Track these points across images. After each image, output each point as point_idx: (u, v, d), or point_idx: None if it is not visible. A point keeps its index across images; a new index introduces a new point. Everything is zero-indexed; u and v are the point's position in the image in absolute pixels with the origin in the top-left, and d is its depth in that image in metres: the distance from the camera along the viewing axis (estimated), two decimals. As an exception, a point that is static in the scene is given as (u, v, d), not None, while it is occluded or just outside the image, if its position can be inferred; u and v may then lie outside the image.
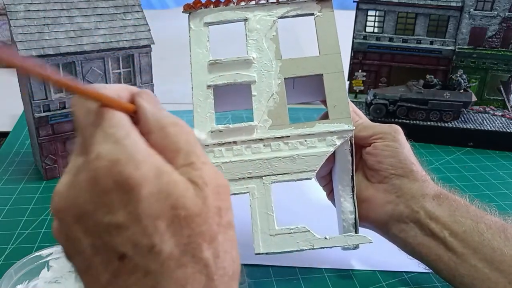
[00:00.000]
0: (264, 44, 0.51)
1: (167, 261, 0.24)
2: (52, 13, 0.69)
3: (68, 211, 0.24)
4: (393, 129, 0.50)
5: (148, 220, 0.23)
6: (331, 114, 0.49)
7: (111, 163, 0.23)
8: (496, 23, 0.89)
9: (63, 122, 0.72)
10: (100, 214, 0.23)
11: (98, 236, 0.24)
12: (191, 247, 0.24)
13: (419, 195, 0.47)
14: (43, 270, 0.48)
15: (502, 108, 0.94)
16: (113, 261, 0.24)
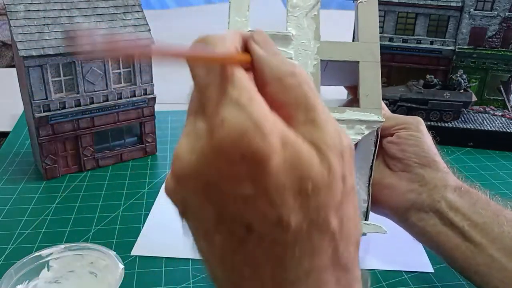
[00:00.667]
0: (305, 22, 0.50)
1: (294, 233, 0.23)
2: (52, 13, 0.69)
3: (190, 179, 0.23)
4: (416, 120, 0.51)
5: (276, 193, 0.22)
6: (362, 103, 0.49)
7: (238, 134, 0.22)
8: (496, 23, 0.89)
9: (63, 122, 0.72)
10: (226, 185, 0.23)
11: (224, 206, 0.23)
12: (318, 219, 0.23)
13: (441, 185, 0.48)
14: (43, 270, 0.48)
15: (502, 108, 0.94)
16: (239, 230, 0.23)
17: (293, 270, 0.24)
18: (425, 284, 0.54)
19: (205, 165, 0.23)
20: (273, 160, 0.22)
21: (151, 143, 0.82)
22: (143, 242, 0.60)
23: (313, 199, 0.23)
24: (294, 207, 0.23)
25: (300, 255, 0.23)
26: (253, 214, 0.23)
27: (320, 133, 0.24)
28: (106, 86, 0.74)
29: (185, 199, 0.24)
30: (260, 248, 0.23)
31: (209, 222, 0.24)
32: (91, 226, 0.63)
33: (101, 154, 0.78)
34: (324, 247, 0.24)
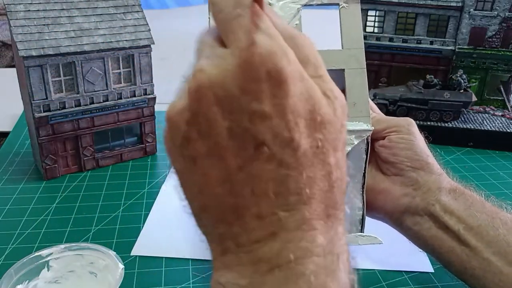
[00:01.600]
0: None
1: (301, 158, 0.24)
2: (52, 13, 0.69)
3: (212, 90, 0.24)
4: (407, 122, 0.50)
5: (292, 116, 0.24)
6: (350, 112, 0.48)
7: (268, 52, 0.24)
8: (496, 23, 0.89)
9: (63, 122, 0.72)
10: (247, 100, 0.24)
11: (240, 120, 0.24)
12: (321, 151, 0.25)
13: (435, 188, 0.47)
14: (43, 270, 0.48)
15: (502, 108, 0.94)
16: (249, 147, 0.24)
17: (292, 196, 0.24)
18: (425, 284, 0.54)
19: (228, 78, 0.24)
20: (293, 85, 0.24)
21: (151, 143, 0.82)
22: (143, 242, 0.60)
23: (319, 132, 0.25)
24: (304, 134, 0.24)
25: (301, 183, 0.24)
26: (267, 132, 0.24)
27: (327, 84, 0.26)
28: (106, 86, 0.74)
29: (197, 115, 0.25)
30: (266, 168, 0.24)
31: (220, 137, 0.25)
32: (91, 226, 0.63)
33: (101, 154, 0.78)
34: (322, 180, 0.25)
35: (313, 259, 0.24)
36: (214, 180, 0.25)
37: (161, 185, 0.73)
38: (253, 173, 0.24)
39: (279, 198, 0.24)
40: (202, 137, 0.25)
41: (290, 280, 0.23)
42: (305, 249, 0.24)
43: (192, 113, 0.25)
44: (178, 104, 0.26)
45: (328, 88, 0.26)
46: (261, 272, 0.24)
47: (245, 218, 0.25)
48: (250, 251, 0.25)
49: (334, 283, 0.24)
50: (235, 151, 0.24)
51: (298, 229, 0.24)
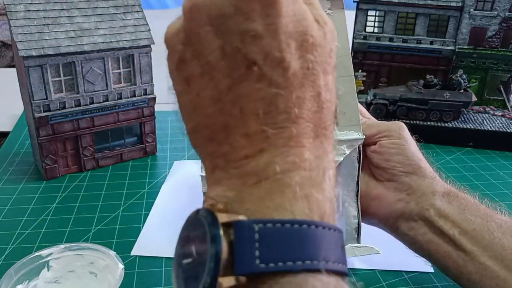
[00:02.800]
0: None
1: (291, 78, 0.25)
2: (52, 13, 0.69)
3: (205, 9, 0.25)
4: (397, 126, 0.50)
5: (283, 36, 0.25)
6: (340, 121, 0.48)
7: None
8: (496, 23, 0.89)
9: (63, 122, 0.72)
10: (239, 19, 0.24)
11: (232, 40, 0.25)
12: (311, 72, 0.26)
13: (429, 192, 0.47)
14: (43, 270, 0.48)
15: (502, 108, 0.94)
16: (240, 67, 0.25)
17: (281, 115, 0.25)
18: (425, 284, 0.54)
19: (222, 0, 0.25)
20: (286, 6, 0.25)
21: (151, 143, 0.82)
22: (143, 242, 0.60)
23: (310, 54, 0.26)
24: (295, 55, 0.25)
25: (291, 102, 0.25)
26: (259, 51, 0.24)
27: (318, 12, 0.27)
28: (106, 86, 0.74)
29: (191, 34, 0.26)
30: (256, 88, 0.25)
31: (212, 56, 0.25)
32: (91, 226, 0.63)
33: (101, 154, 0.78)
34: (311, 100, 0.26)
35: (299, 171, 0.25)
36: (206, 99, 0.26)
37: (161, 185, 0.73)
38: (243, 93, 0.25)
39: (268, 116, 0.25)
40: (196, 57, 0.26)
41: (276, 190, 0.24)
42: (291, 163, 0.25)
43: (186, 33, 0.26)
44: (174, 25, 0.27)
45: (319, 14, 0.27)
46: (249, 184, 0.25)
47: (234, 137, 0.25)
48: (238, 166, 0.25)
49: (319, 194, 0.25)
50: (227, 70, 0.25)
51: (285, 146, 0.25)
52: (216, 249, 0.22)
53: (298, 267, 0.22)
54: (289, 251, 0.22)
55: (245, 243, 0.22)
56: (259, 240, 0.22)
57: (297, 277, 0.22)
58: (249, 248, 0.22)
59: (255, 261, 0.22)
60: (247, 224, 0.23)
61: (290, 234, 0.23)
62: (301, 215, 0.24)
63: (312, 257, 0.23)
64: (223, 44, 0.25)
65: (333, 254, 0.24)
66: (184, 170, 0.77)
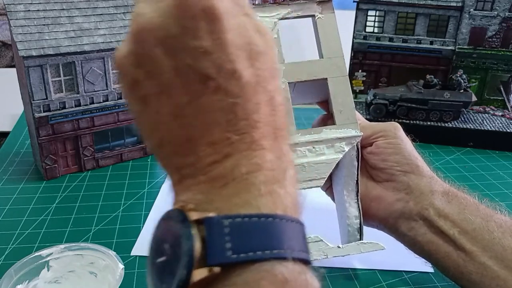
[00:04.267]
0: None
1: (246, 86, 0.26)
2: (52, 13, 0.69)
3: (152, 32, 0.26)
4: (392, 126, 0.50)
5: (232, 49, 0.26)
6: (337, 120, 0.49)
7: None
8: (496, 23, 0.89)
9: (63, 122, 0.72)
10: (187, 38, 0.26)
11: (183, 58, 0.26)
12: (262, 78, 0.27)
13: (428, 191, 0.47)
14: (43, 270, 0.48)
15: (502, 108, 0.94)
16: (195, 83, 0.26)
17: (242, 122, 0.26)
18: (425, 284, 0.54)
19: (167, 19, 0.26)
20: (227, 21, 0.26)
21: (151, 143, 0.82)
22: (143, 242, 0.60)
23: (257, 62, 0.27)
24: (245, 64, 0.26)
25: (249, 109, 0.26)
26: (211, 65, 0.26)
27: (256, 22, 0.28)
28: (106, 86, 0.74)
29: (142, 57, 0.26)
30: (214, 99, 0.26)
31: (167, 76, 0.26)
32: (91, 226, 0.63)
33: (101, 154, 0.78)
34: (266, 105, 0.27)
35: (262, 171, 0.26)
36: (166, 116, 0.27)
37: (161, 185, 0.73)
38: (203, 106, 0.26)
39: (229, 124, 0.26)
40: (150, 78, 0.27)
41: (242, 189, 0.26)
42: (255, 164, 0.26)
43: (136, 56, 0.27)
44: (124, 48, 0.27)
45: (258, 24, 0.28)
46: (217, 187, 0.26)
47: (200, 147, 0.26)
48: (206, 172, 0.26)
49: (281, 190, 0.26)
50: (183, 87, 0.26)
51: (248, 149, 0.26)
52: (189, 244, 0.23)
53: (266, 256, 0.24)
54: (257, 242, 0.24)
55: (216, 237, 0.24)
56: (229, 233, 0.24)
57: (266, 265, 0.24)
58: (220, 241, 0.23)
59: (227, 253, 0.23)
60: (217, 219, 0.24)
61: (257, 226, 0.24)
62: (266, 209, 0.25)
63: (278, 247, 0.24)
64: (176, 63, 0.26)
65: (296, 244, 0.25)
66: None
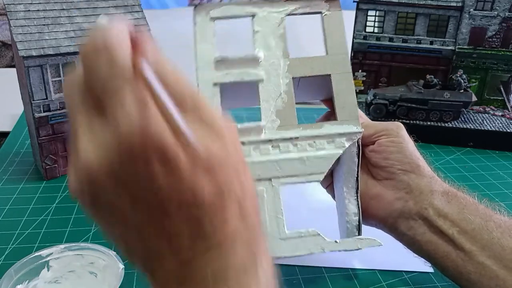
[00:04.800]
0: (272, 41, 0.50)
1: (208, 206, 0.25)
2: (52, 13, 0.69)
3: (103, 176, 0.25)
4: (395, 125, 0.50)
5: (189, 182, 0.25)
6: (339, 116, 0.49)
7: (149, 133, 0.24)
8: (496, 23, 0.89)
9: (63, 122, 0.72)
10: (143, 182, 0.25)
11: (140, 197, 0.25)
12: (227, 189, 0.26)
13: (428, 191, 0.47)
14: (43, 270, 0.48)
15: (502, 108, 0.94)
16: (157, 216, 0.25)
17: (210, 240, 0.26)
18: (425, 284, 0.54)
19: (118, 163, 0.24)
20: (180, 158, 0.24)
21: (151, 143, 0.82)
22: (143, 242, 0.60)
23: (218, 175, 0.26)
24: (205, 184, 0.25)
25: (216, 224, 0.26)
26: (170, 200, 0.25)
27: (209, 116, 0.26)
28: (106, 86, 0.74)
29: (96, 193, 0.25)
30: (177, 223, 0.25)
31: (125, 208, 0.25)
32: (91, 226, 0.63)
33: (101, 154, 0.78)
34: (235, 214, 0.27)
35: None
36: (131, 236, 0.26)
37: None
38: (169, 232, 0.26)
39: (197, 245, 0.26)
40: (107, 209, 0.26)
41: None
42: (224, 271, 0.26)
43: (91, 196, 0.26)
44: (75, 184, 0.26)
45: (213, 128, 0.26)
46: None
47: (167, 265, 0.26)
48: (172, 278, 0.27)
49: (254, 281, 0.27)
50: (145, 221, 0.26)
51: (228, 269, 0.26)
52: None
53: None
54: None
55: None
56: None
57: None
58: None
59: None
60: None
61: None
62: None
63: None
64: (134, 197, 0.25)
65: None
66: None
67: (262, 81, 0.49)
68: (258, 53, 0.49)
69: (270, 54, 0.49)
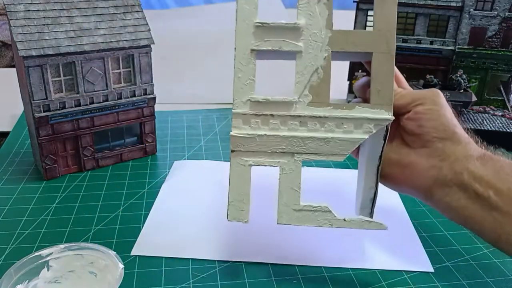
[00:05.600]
0: (317, 9, 0.47)
1: None
2: (52, 13, 0.69)
3: None
4: (432, 93, 0.49)
5: None
6: (373, 99, 0.48)
7: None
8: (496, 23, 0.89)
9: (63, 122, 0.72)
10: None
11: None
12: None
13: (463, 157, 0.47)
14: (43, 270, 0.48)
15: (502, 108, 0.94)
16: None
17: None
18: (425, 284, 0.54)
19: None
20: None
21: (151, 143, 0.82)
22: (143, 242, 0.60)
23: None
24: None
25: None
26: None
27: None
28: (106, 86, 0.74)
29: None
30: None
31: None
32: (91, 226, 0.63)
33: (101, 154, 0.78)
34: None
35: None
36: None
37: (161, 185, 0.73)
38: None
39: None
40: None
41: None
42: None
43: None
44: None
45: None
46: None
47: None
48: None
49: None
50: None
51: None
52: None
53: None
54: None
55: None
56: None
57: None
58: None
59: None
60: None
61: None
62: None
63: None
64: None
65: None
66: (184, 170, 0.77)
67: (300, 53, 0.48)
68: (300, 21, 0.47)
69: (313, 23, 0.47)
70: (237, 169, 0.49)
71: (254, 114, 0.48)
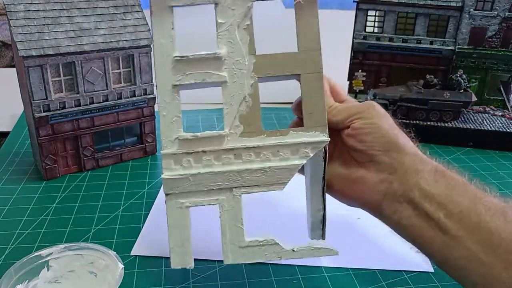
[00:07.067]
0: (237, 35, 0.45)
1: None
2: (52, 13, 0.69)
3: None
4: (367, 106, 0.48)
5: None
6: (306, 122, 0.46)
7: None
8: (496, 23, 0.89)
9: (63, 122, 0.72)
10: None
11: None
12: None
13: (413, 170, 0.45)
14: (43, 270, 0.48)
15: (502, 108, 0.94)
16: None
17: None
18: (425, 284, 0.54)
19: None
20: None
21: (151, 143, 0.82)
22: (143, 242, 0.60)
23: None
24: None
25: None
26: None
27: None
28: (106, 86, 0.74)
29: None
30: None
31: None
32: (91, 226, 0.63)
33: (101, 154, 0.78)
34: None
35: None
36: None
37: (161, 185, 0.73)
38: None
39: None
40: None
41: None
42: None
43: None
44: None
45: None
46: None
47: None
48: None
49: None
50: None
51: None
52: None
53: None
54: None
55: None
56: None
57: None
58: None
59: None
60: None
61: None
62: None
63: None
64: None
65: None
66: (184, 170, 0.77)
67: (225, 83, 0.45)
68: (221, 50, 0.45)
69: (235, 51, 0.45)
70: (174, 212, 0.47)
71: (184, 152, 0.46)
